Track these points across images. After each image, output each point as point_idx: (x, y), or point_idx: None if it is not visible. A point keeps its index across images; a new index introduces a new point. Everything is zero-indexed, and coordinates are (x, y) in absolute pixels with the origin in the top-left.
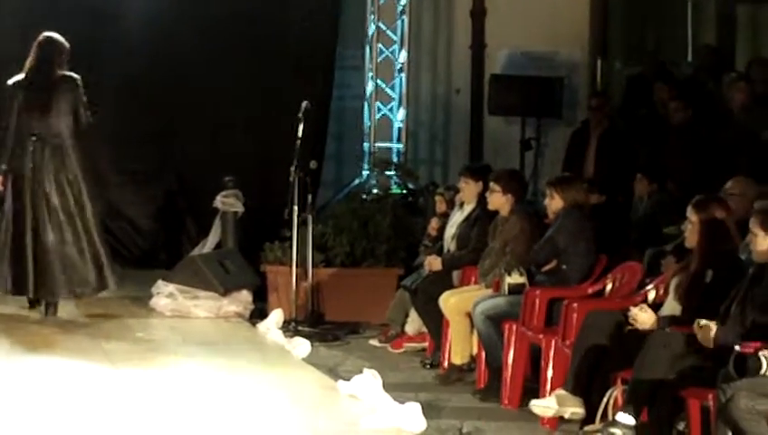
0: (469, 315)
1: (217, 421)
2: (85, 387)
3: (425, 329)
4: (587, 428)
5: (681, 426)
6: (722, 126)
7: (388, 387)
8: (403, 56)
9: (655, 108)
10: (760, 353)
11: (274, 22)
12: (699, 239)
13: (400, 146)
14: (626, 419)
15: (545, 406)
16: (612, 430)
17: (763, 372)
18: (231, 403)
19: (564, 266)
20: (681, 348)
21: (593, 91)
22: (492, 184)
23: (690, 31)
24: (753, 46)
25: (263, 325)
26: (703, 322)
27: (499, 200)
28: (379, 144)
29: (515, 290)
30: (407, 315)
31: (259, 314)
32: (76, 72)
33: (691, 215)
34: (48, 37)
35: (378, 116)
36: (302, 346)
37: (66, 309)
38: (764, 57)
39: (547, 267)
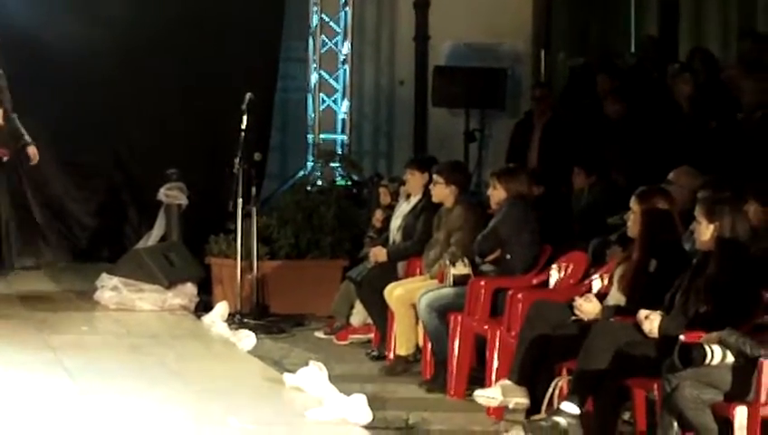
0: (414, 307)
1: (163, 414)
2: (30, 382)
3: (370, 320)
4: (532, 417)
5: (626, 415)
6: (667, 116)
7: (333, 379)
8: (346, 48)
9: (597, 99)
10: (705, 344)
11: (219, 14)
12: (642, 229)
13: (344, 137)
14: (571, 408)
15: (489, 396)
16: (557, 419)
17: (708, 361)
18: (176, 396)
19: (508, 257)
20: (626, 338)
21: (536, 83)
22: (435, 176)
23: (633, 21)
24: (695, 36)
25: (207, 318)
26: (646, 312)
27: (442, 192)
28: (323, 136)
29: (460, 281)
30: (352, 307)
31: (204, 306)
32: (19, 65)
33: (634, 205)
34: None
35: (322, 108)
36: (247, 339)
37: (10, 302)
38: (706, 47)
39: (491, 258)
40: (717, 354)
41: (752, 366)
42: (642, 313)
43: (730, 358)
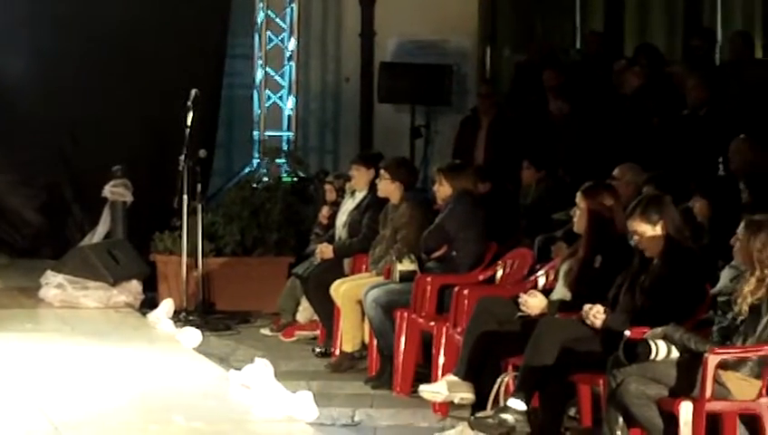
0: (360, 303)
1: (106, 412)
2: None
3: (316, 317)
4: (479, 414)
5: (572, 411)
6: (612, 113)
7: (279, 376)
8: (292, 44)
9: (544, 95)
10: (650, 339)
11: (165, 11)
12: (587, 225)
13: (290, 134)
14: (517, 404)
15: (435, 391)
16: (504, 416)
17: (652, 357)
18: (121, 394)
19: (455, 253)
20: (571, 333)
21: (482, 79)
22: (382, 171)
23: (578, 17)
24: (640, 32)
25: (153, 315)
26: (592, 307)
27: (388, 188)
28: (268, 132)
29: (406, 277)
30: (298, 304)
31: (149, 304)
32: None
33: (580, 201)
34: None
35: (267, 104)
36: (192, 336)
37: None
38: (652, 43)
39: (437, 254)
40: (662, 350)
41: (697, 362)
42: (587, 307)
43: (675, 353)
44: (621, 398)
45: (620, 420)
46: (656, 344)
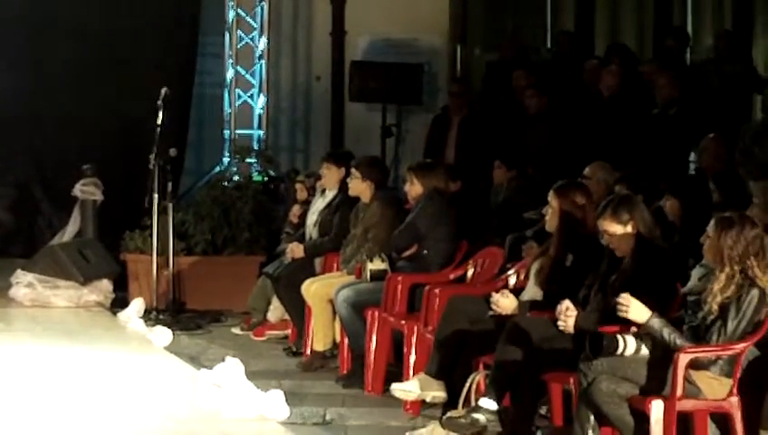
0: (332, 302)
1: (77, 411)
2: None
3: (287, 316)
4: (450, 413)
5: (543, 410)
6: (583, 112)
7: (250, 375)
8: (263, 43)
9: (514, 94)
10: (618, 334)
11: (135, 9)
12: (559, 224)
13: (261, 133)
14: (488, 404)
15: (406, 390)
16: (475, 415)
17: (620, 351)
18: (91, 393)
19: (426, 252)
20: (542, 332)
21: (453, 78)
22: (353, 170)
23: (549, 16)
24: (611, 31)
25: (123, 314)
26: (563, 307)
27: (359, 186)
28: (239, 131)
29: (377, 276)
30: (269, 303)
31: (120, 303)
32: None
33: (551, 200)
34: None
35: (238, 103)
36: (163, 335)
37: None
38: (623, 43)
39: (408, 253)
40: (631, 345)
41: (667, 360)
42: (559, 307)
43: (644, 351)
44: (593, 397)
45: (592, 418)
46: (624, 339)
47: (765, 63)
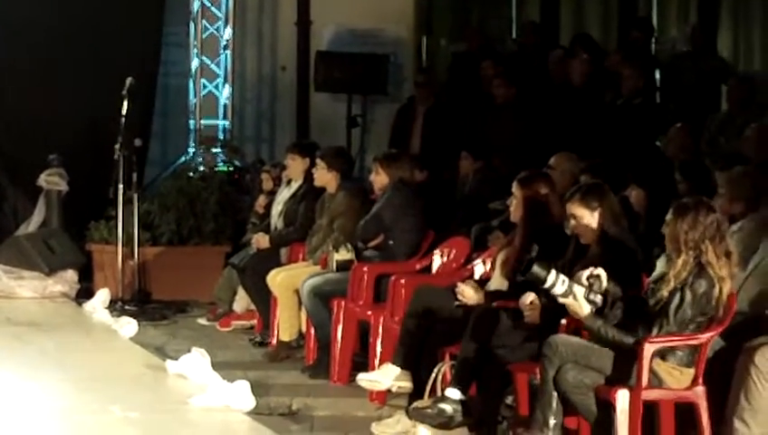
0: (297, 292)
1: (44, 402)
2: None
3: (253, 307)
4: (416, 403)
5: (509, 400)
6: (548, 102)
7: (216, 365)
8: (228, 33)
9: (480, 85)
10: (551, 269)
11: None
12: (523, 214)
13: (226, 123)
14: (454, 394)
15: (372, 380)
16: (441, 405)
17: (547, 286)
18: (57, 384)
19: (391, 242)
20: (508, 323)
21: (419, 68)
22: (318, 160)
23: (514, 7)
24: (576, 22)
25: (89, 305)
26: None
27: (325, 177)
28: (204, 121)
29: (343, 266)
30: (234, 293)
31: (85, 293)
32: None
33: (516, 190)
34: None
35: (203, 93)
36: (128, 326)
37: None
38: (588, 33)
39: (374, 243)
40: (560, 286)
41: (632, 350)
42: (526, 296)
43: (581, 299)
44: (560, 386)
45: (554, 404)
46: (555, 276)
47: (730, 55)
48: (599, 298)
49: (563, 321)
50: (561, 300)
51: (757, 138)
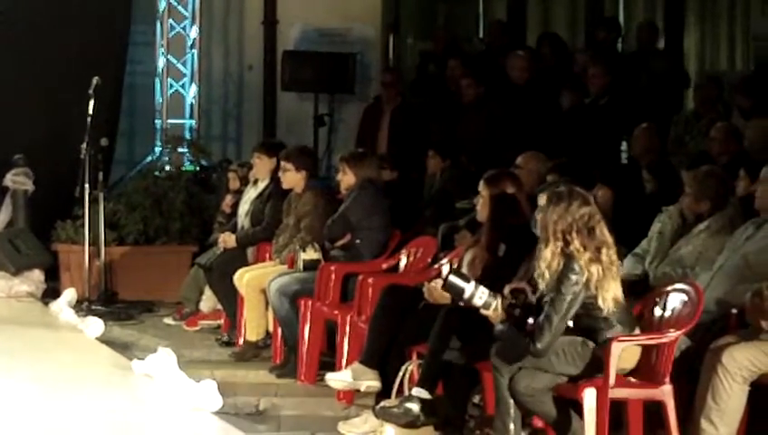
0: (264, 292)
1: (10, 403)
2: None
3: (220, 306)
4: (383, 402)
5: (476, 398)
6: (511, 101)
7: (183, 365)
8: (194, 32)
9: (447, 84)
10: (474, 282)
11: None
12: (490, 213)
13: (193, 122)
14: (421, 393)
15: (340, 379)
16: (408, 405)
17: (466, 297)
18: (22, 384)
19: (358, 242)
20: (475, 322)
21: (386, 68)
22: (283, 163)
23: (481, 6)
24: (543, 22)
25: (55, 305)
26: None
27: (293, 178)
28: (171, 121)
29: (310, 266)
30: (201, 293)
31: (51, 293)
32: None
33: (482, 189)
34: None
35: (169, 92)
36: (95, 325)
37: None
38: (555, 32)
39: (341, 243)
40: (479, 297)
41: (584, 350)
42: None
43: (499, 311)
44: (515, 395)
45: (512, 411)
46: (475, 287)
47: (697, 54)
48: (517, 311)
49: (530, 320)
50: (481, 311)
51: (723, 137)
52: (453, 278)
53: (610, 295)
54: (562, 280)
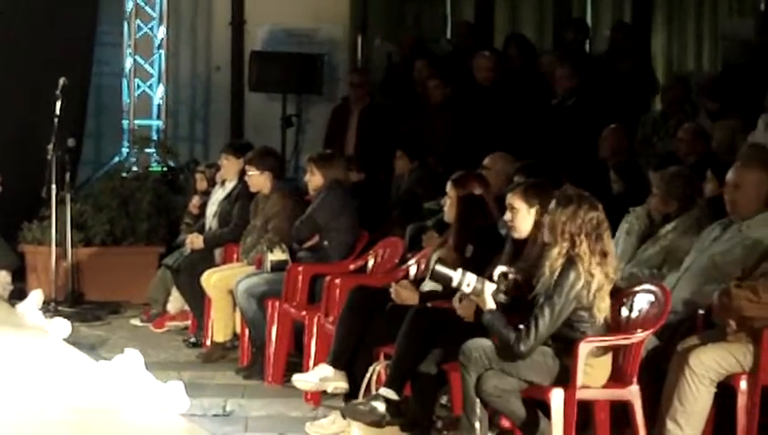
0: (232, 293)
1: None
2: None
3: (187, 307)
4: (350, 402)
5: (444, 399)
6: (477, 102)
7: (150, 366)
8: (162, 33)
9: (414, 85)
10: (460, 271)
11: None
12: (457, 214)
13: (160, 123)
14: (389, 393)
15: (307, 380)
16: (375, 404)
17: (455, 284)
18: None
19: (326, 243)
20: (442, 323)
21: (354, 68)
22: (247, 166)
23: (449, 7)
24: (511, 23)
25: (22, 306)
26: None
27: (259, 180)
28: (138, 122)
29: (278, 267)
30: (168, 294)
31: (18, 294)
32: None
33: (450, 190)
34: None
35: (137, 93)
36: (62, 327)
37: None
38: (522, 33)
39: (309, 244)
40: (468, 282)
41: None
42: (459, 297)
43: (488, 296)
44: (482, 395)
45: (478, 410)
46: (462, 274)
47: (664, 55)
48: (502, 297)
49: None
50: (472, 298)
51: (690, 138)
52: (439, 268)
53: (604, 306)
54: (559, 283)
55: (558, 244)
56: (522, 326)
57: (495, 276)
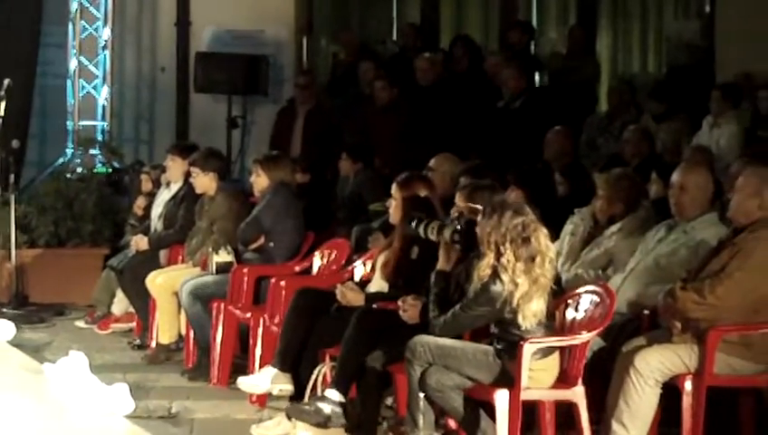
0: (177, 295)
1: None
2: None
3: (132, 309)
4: (295, 403)
5: (389, 400)
6: (421, 103)
7: (95, 368)
8: (107, 33)
9: (360, 86)
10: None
11: None
12: (403, 216)
13: (105, 124)
14: (334, 395)
15: (253, 383)
16: (320, 405)
17: (420, 230)
18: None
19: (272, 244)
20: (388, 324)
21: (300, 70)
22: (191, 168)
23: (395, 8)
24: (457, 24)
25: None
26: (408, 299)
27: (203, 182)
28: (82, 123)
29: (223, 269)
30: (113, 296)
31: None
32: None
33: (395, 192)
34: None
35: (81, 94)
36: (6, 329)
37: None
38: (468, 34)
39: (254, 245)
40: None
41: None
42: (404, 299)
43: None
44: (426, 390)
45: (422, 405)
46: (430, 226)
47: (609, 57)
48: (457, 236)
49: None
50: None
51: (635, 140)
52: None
53: (531, 312)
54: (481, 293)
55: (486, 255)
56: (443, 312)
57: (452, 215)
